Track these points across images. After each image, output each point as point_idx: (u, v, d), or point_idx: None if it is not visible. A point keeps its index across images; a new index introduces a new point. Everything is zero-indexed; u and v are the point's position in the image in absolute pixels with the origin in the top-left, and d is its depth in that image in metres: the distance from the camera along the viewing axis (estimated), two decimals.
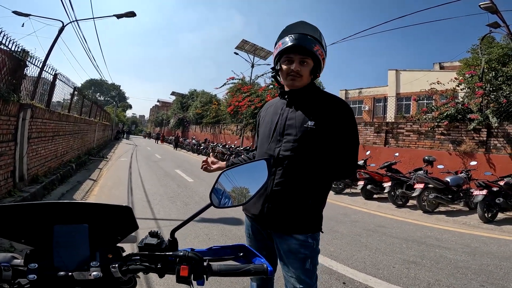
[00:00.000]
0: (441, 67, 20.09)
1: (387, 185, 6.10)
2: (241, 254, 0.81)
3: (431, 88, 8.59)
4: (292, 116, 1.31)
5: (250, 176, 0.87)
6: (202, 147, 17.70)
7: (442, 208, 5.82)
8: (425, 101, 11.28)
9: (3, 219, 0.68)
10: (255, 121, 1.62)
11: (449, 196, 5.60)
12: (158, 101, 60.07)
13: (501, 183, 5.18)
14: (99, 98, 43.63)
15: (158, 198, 5.51)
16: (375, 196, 6.78)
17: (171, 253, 0.71)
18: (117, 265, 0.68)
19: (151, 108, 70.31)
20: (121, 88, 55.93)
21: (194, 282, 0.70)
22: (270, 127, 1.37)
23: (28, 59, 4.91)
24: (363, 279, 2.62)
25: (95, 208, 0.74)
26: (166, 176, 8.54)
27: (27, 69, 5.01)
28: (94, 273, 0.66)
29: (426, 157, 6.33)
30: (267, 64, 21.81)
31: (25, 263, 0.66)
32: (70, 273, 0.65)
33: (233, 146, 14.97)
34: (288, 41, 1.25)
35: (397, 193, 6.05)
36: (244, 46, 20.09)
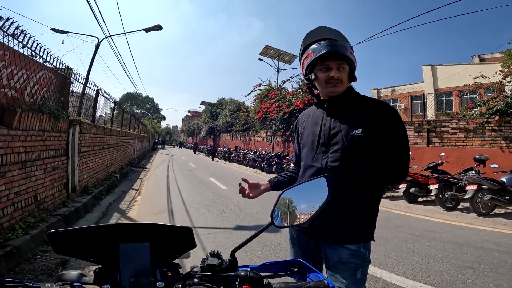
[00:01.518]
0: (481, 60, 18.50)
1: (434, 187, 5.68)
2: (296, 269, 0.80)
3: (475, 82, 7.93)
4: (336, 125, 1.27)
5: (311, 194, 0.86)
6: (233, 155, 17.97)
7: (499, 210, 5.28)
8: (468, 96, 10.44)
9: (73, 240, 0.72)
10: (292, 129, 1.56)
11: (506, 198, 5.05)
12: (189, 111, 62.50)
13: None
14: (135, 111, 46.31)
15: (195, 207, 5.67)
16: (419, 199, 6.33)
17: (232, 273, 0.71)
18: (180, 285, 0.69)
19: (182, 119, 73.32)
20: (154, 100, 58.99)
21: None
22: (313, 139, 1.33)
23: (72, 76, 5.18)
24: (412, 286, 2.46)
25: (157, 229, 0.76)
26: (201, 184, 8.76)
27: (72, 86, 5.30)
28: None
29: (477, 156, 5.79)
30: (293, 68, 21.80)
31: (94, 282, 0.69)
32: None
33: (263, 153, 14.99)
34: (320, 48, 1.22)
35: (446, 195, 5.59)
36: (268, 51, 20.22)
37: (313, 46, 1.25)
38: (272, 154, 13.95)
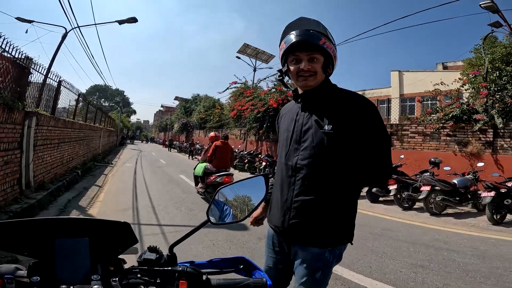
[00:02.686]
0: (445, 67, 19.96)
1: (392, 187, 6.05)
2: (241, 266, 0.80)
3: (435, 89, 8.53)
4: (308, 121, 1.22)
5: (249, 192, 0.87)
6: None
7: (450, 210, 5.74)
8: (429, 102, 11.19)
9: (6, 234, 0.69)
10: (275, 124, 1.53)
11: (457, 198, 5.52)
12: (161, 106, 60.66)
13: (509, 184, 5.12)
14: (103, 104, 44.22)
15: (163, 204, 5.52)
16: (381, 199, 6.71)
17: (170, 268, 0.72)
18: (117, 278, 0.68)
19: (155, 113, 71.07)
20: (125, 94, 56.59)
21: None
22: (287, 135, 1.30)
23: (32, 66, 4.93)
24: (369, 284, 2.58)
25: (95, 224, 0.75)
26: (170, 182, 8.55)
27: (31, 76, 5.04)
28: (95, 286, 0.66)
29: (432, 159, 6.27)
30: (270, 68, 21.93)
31: (28, 276, 0.66)
32: (71, 287, 0.65)
33: (237, 151, 14.97)
34: (291, 38, 1.16)
35: (403, 195, 5.99)
36: (246, 50, 20.20)
37: (287, 36, 1.19)
38: (245, 152, 13.99)
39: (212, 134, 7.01)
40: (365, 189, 6.60)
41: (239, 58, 20.26)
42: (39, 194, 5.00)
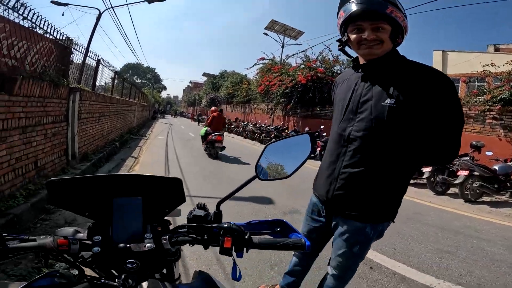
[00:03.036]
0: (496, 49, 17.82)
1: (426, 170, 5.76)
2: (278, 229, 0.81)
3: (483, 70, 7.79)
4: (368, 93, 1.15)
5: (295, 150, 0.86)
6: (233, 126, 17.99)
7: (486, 198, 5.44)
8: (476, 84, 10.26)
9: (69, 191, 0.75)
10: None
11: (495, 186, 5.19)
12: (190, 82, 61.90)
13: None
14: (136, 81, 46.07)
15: (192, 176, 5.79)
16: (412, 181, 6.47)
17: (216, 225, 0.73)
18: (167, 237, 0.72)
19: (184, 89, 72.60)
20: (156, 71, 58.72)
21: (234, 255, 0.72)
22: (342, 105, 1.24)
23: (73, 46, 5.24)
24: (391, 265, 2.59)
25: (149, 180, 0.80)
26: (200, 155, 8.89)
27: (72, 56, 5.37)
28: (148, 244, 0.69)
29: (474, 142, 5.84)
30: (298, 44, 21.24)
31: (88, 237, 0.71)
32: (128, 245, 0.69)
33: (263, 125, 15.02)
34: (351, 7, 1.07)
35: (438, 179, 5.72)
36: (274, 26, 19.61)
37: (347, 5, 1.09)
38: (272, 127, 13.99)
39: (212, 108, 9.28)
40: None
41: (266, 34, 19.76)
42: (83, 164, 5.45)
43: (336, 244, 1.35)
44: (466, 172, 5.19)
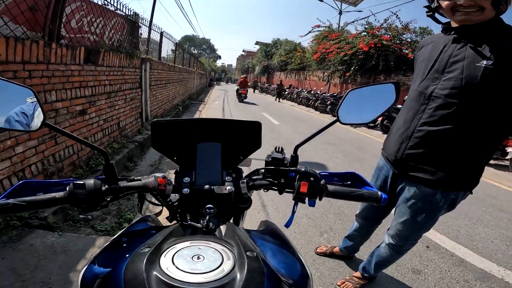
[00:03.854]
0: None
1: (511, 150, 5.04)
2: (349, 182, 0.79)
3: None
4: (460, 53, 1.05)
5: (377, 98, 0.81)
6: (286, 93, 17.76)
7: None
8: None
9: (165, 134, 0.81)
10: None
11: None
12: (243, 51, 61.89)
13: None
14: (193, 51, 48.05)
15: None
16: (491, 161, 5.73)
17: (293, 168, 0.73)
18: (245, 180, 0.74)
19: (237, 58, 73.01)
20: (211, 42, 59.86)
21: (297, 206, 0.73)
22: (426, 64, 1.16)
23: (139, 20, 5.68)
24: (451, 247, 2.43)
25: (230, 125, 0.83)
26: (254, 118, 9.15)
27: (140, 29, 5.86)
28: (229, 187, 0.72)
29: None
30: (359, 11, 19.11)
31: (175, 181, 0.76)
32: (212, 187, 0.73)
33: (319, 92, 14.51)
34: None
35: None
36: None
37: None
38: (328, 94, 13.44)
39: (242, 76, 14.99)
40: None
41: (322, 0, 18.04)
42: (171, 118, 6.09)
43: (398, 211, 1.29)
44: None
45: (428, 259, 2.25)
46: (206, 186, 0.72)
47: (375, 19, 14.12)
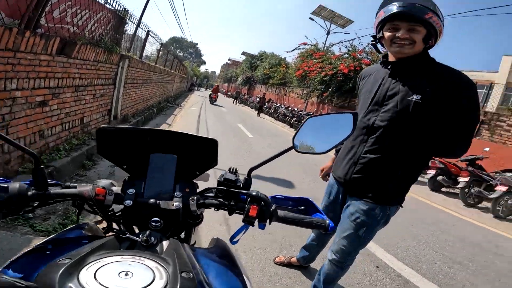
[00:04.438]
0: None
1: (462, 180, 5.44)
2: (302, 207, 0.79)
3: None
4: (395, 87, 1.23)
5: (335, 127, 0.81)
6: (265, 106, 17.97)
7: None
8: None
9: (114, 141, 0.77)
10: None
11: None
12: (229, 59, 62.62)
13: None
14: (179, 53, 47.68)
15: (220, 150, 6.00)
16: (443, 189, 6.18)
17: (245, 191, 0.71)
18: (195, 198, 0.71)
19: (222, 65, 73.23)
20: (198, 46, 60.02)
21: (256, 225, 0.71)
22: (368, 96, 1.33)
23: (128, 17, 5.56)
24: (398, 267, 2.57)
25: (186, 139, 0.80)
26: (229, 129, 9.14)
27: (126, 26, 5.74)
28: (176, 203, 0.68)
29: None
30: (346, 33, 20.21)
31: (122, 191, 0.71)
32: (158, 202, 0.68)
33: (296, 110, 14.87)
34: (392, 9, 1.13)
35: (472, 191, 5.38)
36: (321, 12, 18.98)
37: (388, 6, 1.16)
38: (304, 113, 13.81)
39: (216, 84, 24.49)
40: (428, 175, 6.11)
41: (312, 19, 19.03)
42: (123, 125, 5.92)
43: (341, 227, 1.44)
44: (504, 188, 4.86)
45: (378, 279, 2.36)
46: (152, 200, 0.69)
47: (359, 42, 15.07)
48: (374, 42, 1.30)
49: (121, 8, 5.06)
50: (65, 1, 3.23)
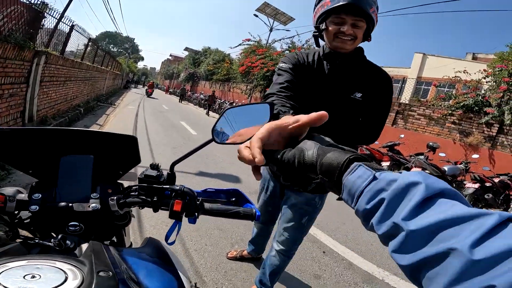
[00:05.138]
0: (474, 58, 18.78)
1: (385, 164, 6.15)
2: (234, 199, 0.80)
3: (455, 76, 8.19)
4: (336, 83, 1.23)
5: (253, 117, 0.80)
6: (214, 105, 17.55)
7: None
8: (445, 89, 10.89)
9: (14, 144, 0.69)
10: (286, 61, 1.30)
11: None
12: (170, 55, 59.92)
13: (496, 180, 5.20)
14: (112, 49, 43.98)
15: (161, 148, 5.62)
16: None
17: (167, 186, 0.69)
18: (115, 198, 0.67)
19: (162, 62, 69.49)
20: (135, 41, 57.79)
21: (186, 220, 0.69)
22: (306, 90, 1.27)
23: (47, 10, 5.12)
24: (342, 251, 2.75)
25: (102, 137, 0.75)
26: (171, 127, 8.70)
27: (44, 20, 5.23)
28: (93, 204, 0.65)
29: (430, 143, 6.31)
30: (287, 30, 21.02)
31: (29, 196, 0.65)
32: (70, 204, 0.65)
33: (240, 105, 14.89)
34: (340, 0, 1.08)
35: None
36: (265, 9, 19.23)
37: None
38: None
39: (150, 81, 22.43)
40: None
41: (256, 16, 19.27)
42: (23, 127, 5.15)
43: (284, 218, 1.48)
44: (418, 169, 5.59)
45: (325, 264, 2.48)
46: (63, 203, 0.64)
47: (299, 40, 15.62)
48: (317, 34, 1.24)
49: (38, 2, 4.66)
50: None
